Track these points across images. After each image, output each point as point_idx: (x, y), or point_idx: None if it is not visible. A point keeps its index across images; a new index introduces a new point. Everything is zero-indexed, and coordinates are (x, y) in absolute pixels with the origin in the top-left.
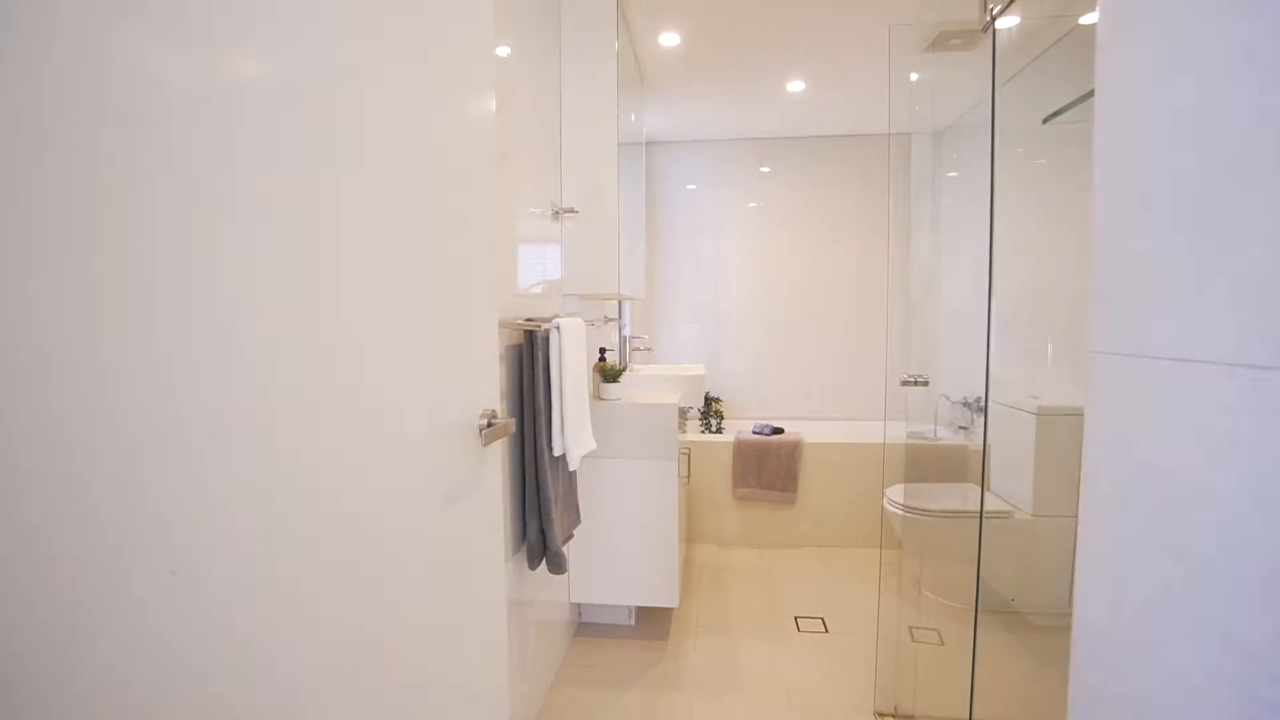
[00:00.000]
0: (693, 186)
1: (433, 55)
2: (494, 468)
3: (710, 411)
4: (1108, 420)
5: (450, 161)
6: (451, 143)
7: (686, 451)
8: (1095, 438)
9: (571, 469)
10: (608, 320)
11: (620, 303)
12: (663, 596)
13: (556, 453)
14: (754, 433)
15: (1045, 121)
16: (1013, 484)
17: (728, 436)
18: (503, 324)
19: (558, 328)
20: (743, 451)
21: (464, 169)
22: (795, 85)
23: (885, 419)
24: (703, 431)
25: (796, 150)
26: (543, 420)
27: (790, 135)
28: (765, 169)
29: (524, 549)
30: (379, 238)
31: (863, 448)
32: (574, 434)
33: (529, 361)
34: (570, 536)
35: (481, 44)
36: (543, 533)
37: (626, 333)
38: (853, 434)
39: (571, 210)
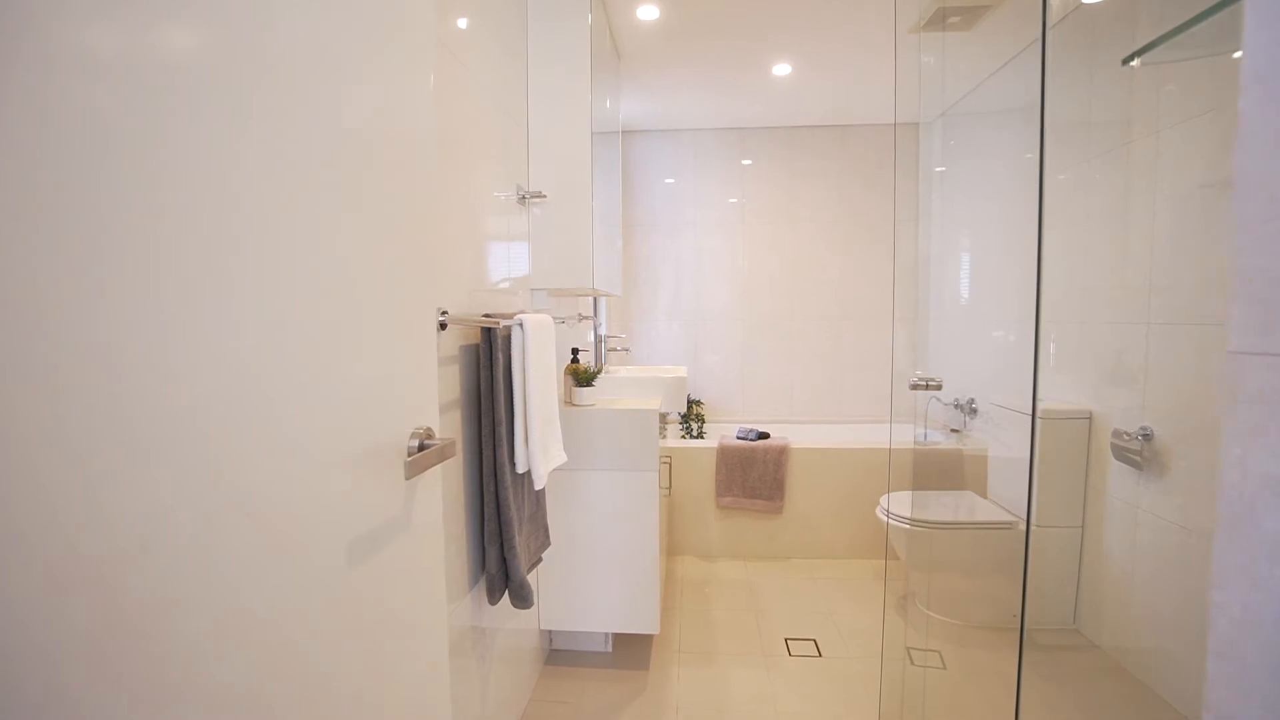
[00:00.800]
0: (671, 180)
1: (346, 19)
2: (429, 500)
3: (691, 415)
4: (1258, 427)
5: (372, 138)
6: (374, 116)
7: (667, 460)
8: (1241, 446)
9: (537, 488)
10: (582, 318)
11: (596, 300)
12: (642, 623)
13: (520, 469)
14: (738, 438)
15: (1126, 62)
16: (1013, 491)
17: (710, 442)
18: (455, 321)
19: (520, 325)
20: (726, 458)
21: (393, 148)
22: (781, 68)
23: (891, 422)
24: (684, 436)
25: (779, 141)
26: (503, 431)
27: (773, 125)
28: (747, 161)
29: (483, 580)
30: (263, 220)
31: (852, 453)
32: (540, 446)
33: (487, 364)
34: (538, 561)
35: (414, 11)
36: (504, 562)
37: (603, 332)
38: (841, 438)
39: (540, 195)
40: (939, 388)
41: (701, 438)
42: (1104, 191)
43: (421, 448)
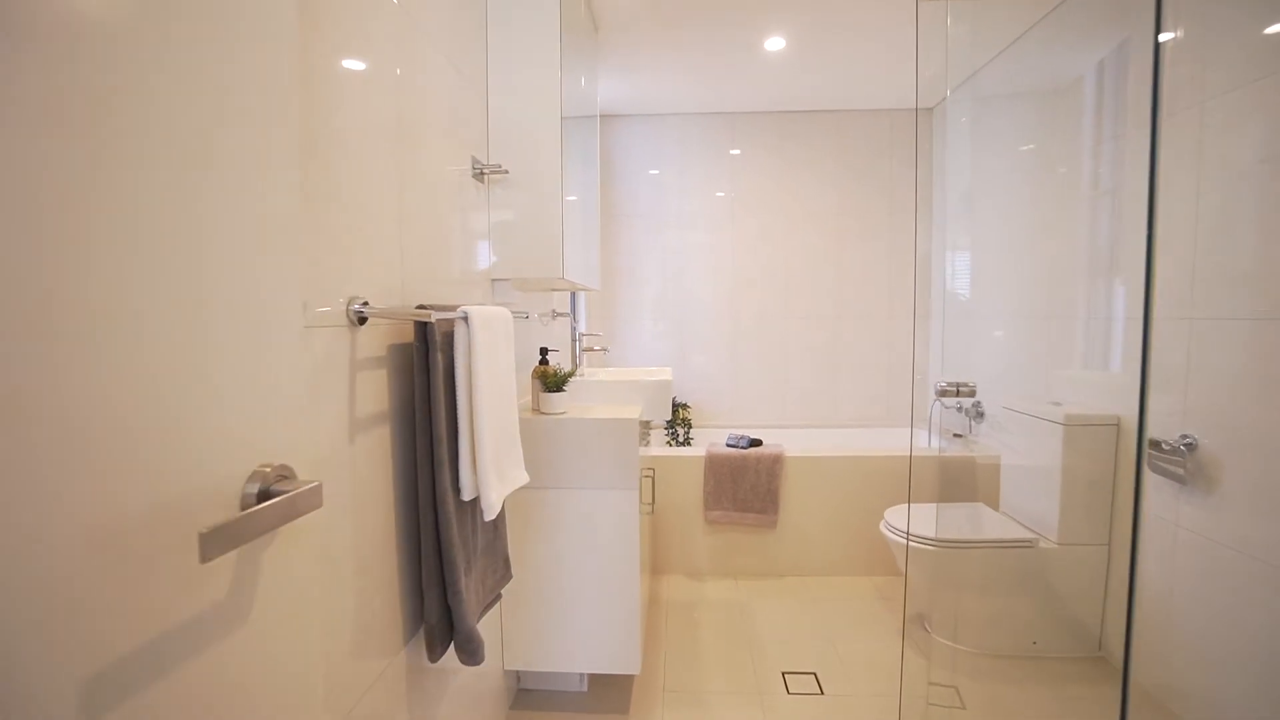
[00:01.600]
0: (656, 171)
1: None
2: (286, 570)
3: (677, 420)
4: None
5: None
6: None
7: (650, 473)
8: None
9: (488, 518)
10: (557, 315)
11: (575, 296)
12: (622, 661)
13: (466, 496)
14: (728, 445)
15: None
16: (1032, 505)
17: (697, 450)
18: (380, 314)
19: (465, 319)
20: (715, 468)
21: (236, 90)
22: (774, 42)
23: (911, 429)
24: (669, 443)
25: (770, 128)
26: (444, 451)
27: (764, 110)
28: (735, 151)
29: (422, 631)
30: None
31: (852, 461)
32: (493, 468)
33: (422, 368)
34: (495, 600)
35: None
36: (448, 609)
37: (579, 329)
38: (839, 445)
39: (499, 170)
40: (972, 394)
41: (688, 444)
42: (1138, 171)
43: (265, 496)
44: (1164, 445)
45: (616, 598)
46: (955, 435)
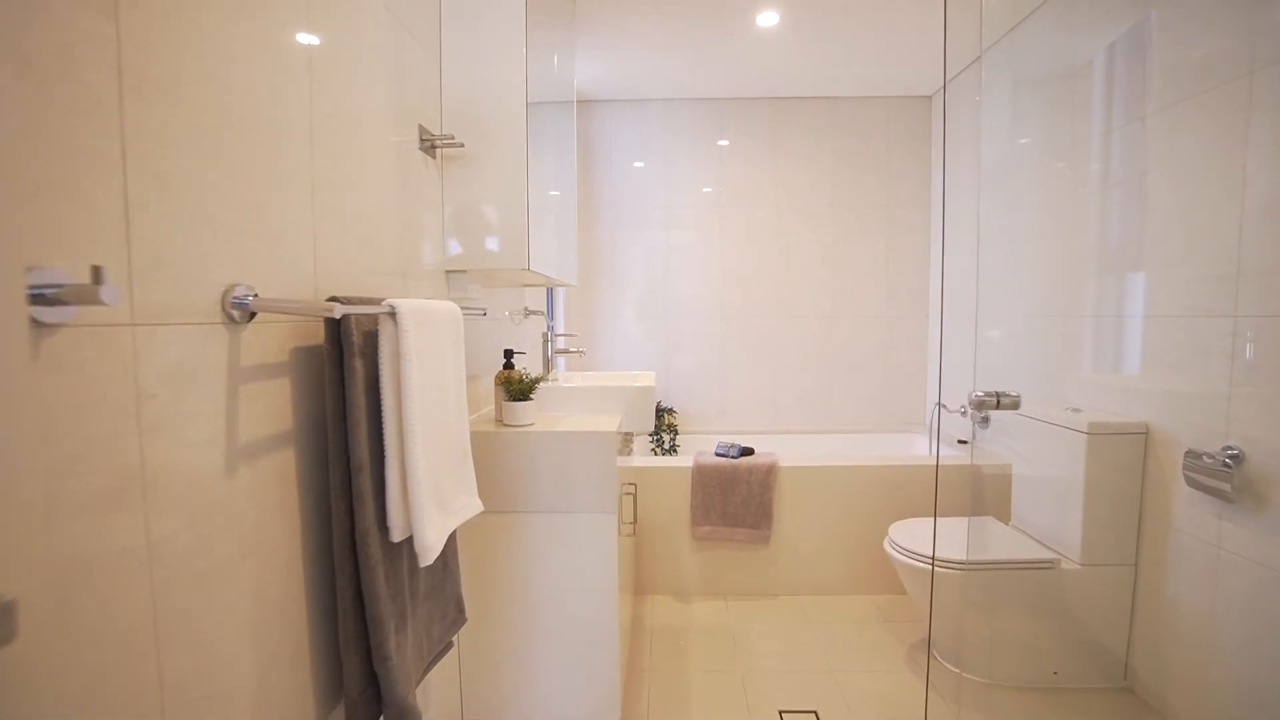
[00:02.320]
0: (640, 164)
1: None
2: None
3: (662, 426)
4: None
5: None
6: None
7: (631, 490)
8: None
9: (424, 562)
10: (529, 314)
11: (552, 294)
12: (599, 710)
13: (397, 535)
14: (717, 454)
15: None
16: (1049, 520)
17: (684, 460)
18: (271, 306)
19: (393, 314)
20: (704, 479)
21: None
22: (767, 18)
23: (936, 440)
24: (654, 450)
25: (761, 115)
26: (366, 481)
27: (755, 95)
28: (724, 142)
29: (342, 706)
30: None
31: (851, 471)
32: (429, 498)
33: (336, 377)
34: (446, 649)
35: None
36: (374, 677)
37: (554, 329)
38: (835, 453)
39: (453, 141)
40: (1015, 405)
41: (674, 453)
42: (1172, 152)
43: None
44: (1205, 457)
45: (593, 638)
46: (960, 441)
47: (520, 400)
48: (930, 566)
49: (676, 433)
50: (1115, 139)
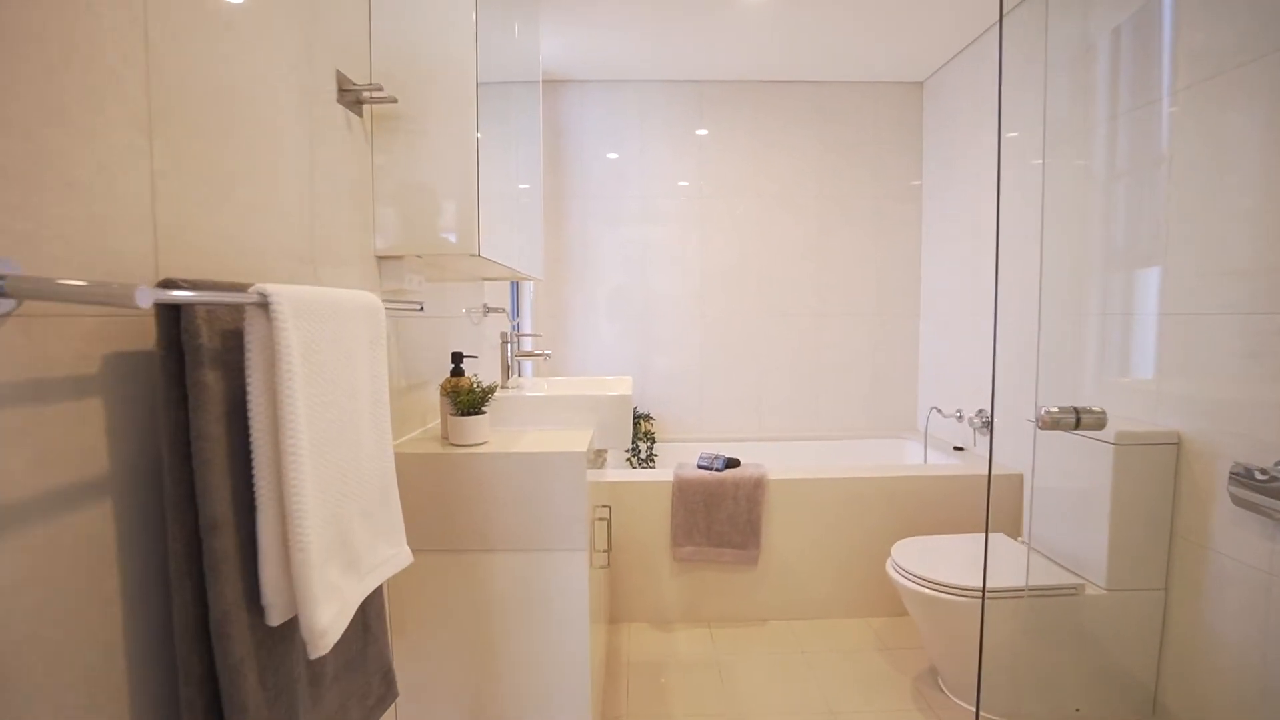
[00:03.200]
0: (615, 156)
1: None
2: None
3: (638, 434)
4: None
5: None
6: None
7: (605, 514)
8: None
9: (314, 654)
10: (489, 311)
11: (516, 291)
12: None
13: (276, 617)
14: (699, 467)
15: None
16: (1068, 539)
17: (663, 473)
18: (32, 292)
19: (264, 303)
20: (685, 495)
21: None
22: None
23: (990, 454)
24: (630, 460)
25: (744, 100)
26: (227, 544)
27: (737, 78)
28: (703, 131)
29: None
30: None
31: (846, 484)
32: (330, 559)
33: (173, 397)
34: None
35: None
36: None
37: (520, 328)
38: (828, 463)
39: (381, 94)
40: (1100, 424)
41: (651, 464)
42: (1208, 132)
43: None
44: (1256, 474)
45: (560, 698)
46: (956, 448)
47: (470, 414)
48: (952, 597)
49: (654, 441)
50: (1124, 122)
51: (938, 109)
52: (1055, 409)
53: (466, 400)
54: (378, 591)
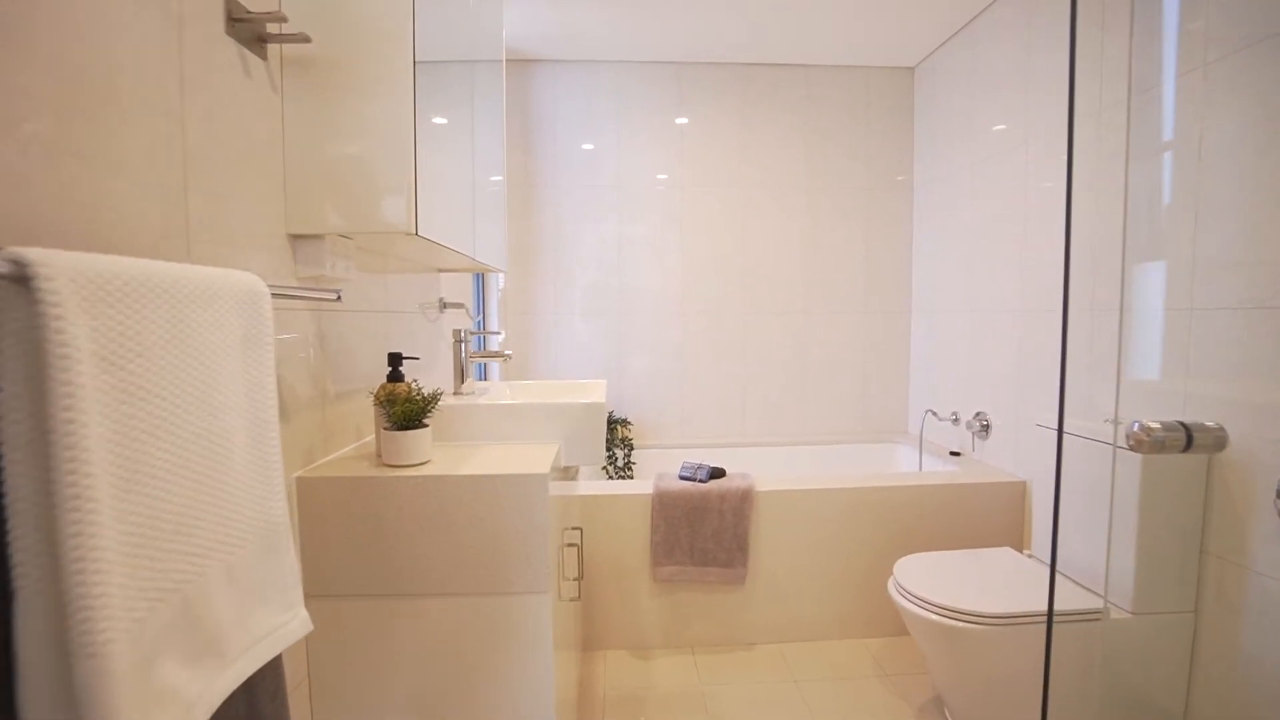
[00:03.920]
0: (590, 145)
1: None
2: None
3: (615, 440)
4: None
5: None
6: None
7: (575, 540)
8: None
9: None
10: (446, 307)
11: (483, 284)
12: None
13: None
14: (681, 478)
15: None
16: (1085, 556)
17: (642, 484)
18: None
19: (22, 275)
20: (666, 509)
21: None
22: None
23: (1059, 461)
24: (605, 471)
25: (727, 83)
26: None
27: (719, 60)
28: (682, 120)
29: None
30: None
31: (840, 494)
32: (151, 661)
33: None
34: None
35: None
36: None
37: (483, 325)
38: (819, 471)
39: (290, 31)
40: (1219, 445)
41: (629, 473)
42: (1226, 111)
43: None
44: None
45: None
46: (953, 453)
47: (408, 427)
48: (962, 624)
49: (632, 448)
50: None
51: (930, 96)
52: (1157, 425)
53: (403, 411)
54: (272, 666)
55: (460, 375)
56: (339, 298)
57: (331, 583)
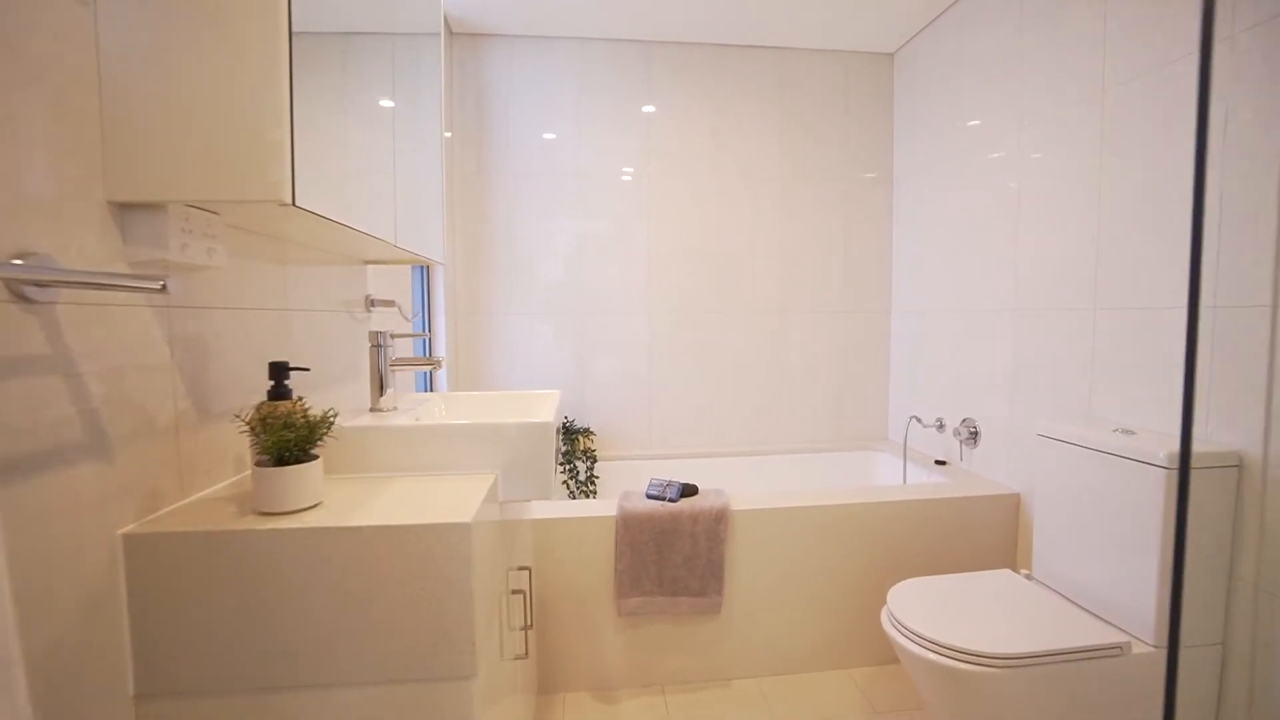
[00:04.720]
0: (551, 135)
1: None
2: None
3: (576, 451)
4: None
5: None
6: None
7: (523, 584)
8: None
9: None
10: (374, 305)
11: (429, 278)
12: None
13: None
14: (649, 496)
15: None
16: (1098, 582)
17: (605, 505)
18: None
19: None
20: (633, 534)
21: None
22: None
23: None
24: (566, 484)
25: (698, 65)
26: None
27: (690, 40)
28: (650, 108)
29: None
30: None
31: (822, 511)
32: None
33: None
34: None
35: None
36: None
37: (426, 328)
38: (798, 486)
39: None
40: None
41: (591, 489)
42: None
43: None
44: None
45: None
46: (938, 462)
47: (291, 463)
48: (974, 668)
49: (595, 460)
50: (1153, 79)
51: (910, 83)
52: None
53: (276, 441)
54: None
55: (379, 387)
56: (163, 287)
57: (176, 677)
